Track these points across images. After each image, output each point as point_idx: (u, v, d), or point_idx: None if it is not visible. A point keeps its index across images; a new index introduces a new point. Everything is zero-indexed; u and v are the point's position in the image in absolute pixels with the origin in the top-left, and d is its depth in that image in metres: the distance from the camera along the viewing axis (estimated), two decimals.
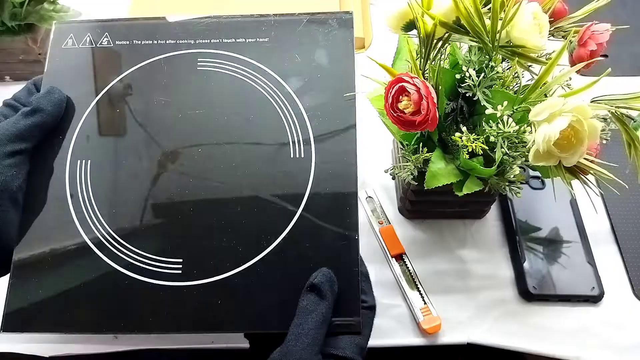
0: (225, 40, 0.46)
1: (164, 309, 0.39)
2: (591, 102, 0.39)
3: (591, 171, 0.38)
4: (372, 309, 0.38)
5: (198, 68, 0.45)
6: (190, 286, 0.39)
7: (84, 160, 0.42)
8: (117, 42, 0.46)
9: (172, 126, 0.43)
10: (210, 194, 0.41)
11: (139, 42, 0.46)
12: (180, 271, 0.39)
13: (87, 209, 0.41)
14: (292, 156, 0.42)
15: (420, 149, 0.44)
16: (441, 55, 0.42)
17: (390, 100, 0.40)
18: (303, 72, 0.44)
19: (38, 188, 0.42)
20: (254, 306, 0.38)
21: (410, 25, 0.42)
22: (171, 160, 0.42)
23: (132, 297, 0.39)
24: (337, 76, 0.44)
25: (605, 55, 0.41)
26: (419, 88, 0.38)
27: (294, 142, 0.42)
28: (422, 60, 0.42)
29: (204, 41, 0.46)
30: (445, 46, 0.42)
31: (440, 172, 0.43)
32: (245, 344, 0.48)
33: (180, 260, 0.39)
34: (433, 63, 0.42)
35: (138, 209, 0.41)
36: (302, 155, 0.41)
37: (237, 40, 0.46)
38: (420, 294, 0.51)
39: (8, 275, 0.41)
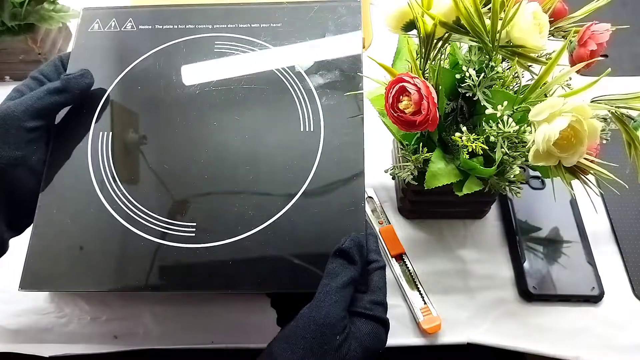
0: (241, 25, 0.49)
1: (177, 269, 0.41)
2: (591, 102, 0.39)
3: (591, 171, 0.38)
4: (384, 268, 0.40)
5: (215, 50, 0.48)
6: (202, 248, 0.41)
7: (105, 132, 0.45)
8: (140, 26, 0.50)
9: (190, 101, 0.46)
10: (224, 162, 0.44)
11: (161, 26, 0.49)
12: (193, 234, 0.41)
13: (106, 175, 0.44)
14: (302, 130, 0.44)
15: (420, 149, 0.44)
16: (441, 55, 0.42)
17: (390, 100, 0.40)
18: (313, 53, 0.48)
19: (61, 157, 0.44)
20: (264, 267, 0.40)
21: (410, 25, 0.42)
22: (187, 133, 0.45)
23: (147, 258, 0.41)
24: (345, 57, 0.47)
25: (605, 55, 0.41)
26: (420, 88, 0.38)
27: (304, 117, 0.45)
28: (422, 60, 0.42)
29: (221, 26, 0.49)
30: (445, 46, 0.42)
31: (440, 172, 0.43)
32: (247, 344, 0.48)
33: (195, 224, 0.42)
34: (433, 63, 0.42)
35: (154, 175, 0.44)
36: (312, 129, 0.44)
37: (252, 25, 0.49)
38: (420, 294, 0.51)
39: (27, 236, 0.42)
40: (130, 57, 0.48)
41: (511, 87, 0.43)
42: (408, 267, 0.52)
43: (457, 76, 0.42)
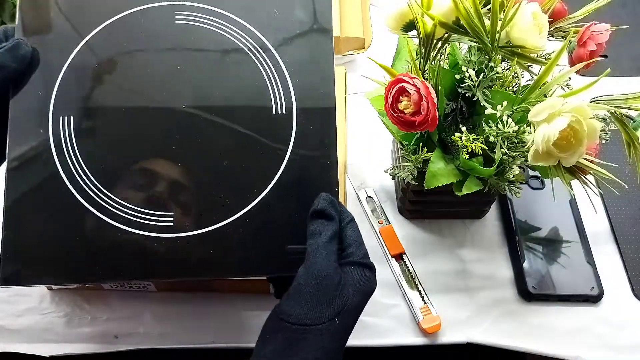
0: None
1: (157, 259, 0.40)
2: (590, 102, 0.39)
3: (590, 171, 0.38)
4: (354, 220, 0.41)
5: (176, 22, 0.44)
6: (182, 237, 0.40)
7: (66, 116, 0.42)
8: None
9: (151, 80, 0.43)
10: (196, 150, 0.42)
11: None
12: (172, 223, 0.41)
13: (73, 164, 0.41)
14: (274, 113, 0.42)
15: (420, 149, 0.44)
16: (441, 56, 0.42)
17: (390, 100, 0.40)
18: (282, 27, 0.44)
19: (21, 143, 0.41)
20: (245, 253, 0.40)
21: (410, 26, 0.42)
22: (152, 116, 0.42)
23: (126, 249, 0.40)
24: (315, 32, 0.44)
25: (604, 56, 0.41)
26: (419, 88, 0.38)
27: (275, 99, 0.43)
28: (421, 60, 0.42)
29: None
30: (444, 46, 0.42)
31: (440, 172, 0.43)
32: (247, 344, 0.49)
33: (172, 213, 0.41)
34: (433, 63, 0.42)
35: (127, 163, 0.42)
36: (284, 112, 0.42)
37: None
38: (420, 294, 0.51)
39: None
40: (84, 29, 0.43)
41: (511, 88, 0.43)
42: (408, 267, 0.52)
43: (457, 76, 0.42)
